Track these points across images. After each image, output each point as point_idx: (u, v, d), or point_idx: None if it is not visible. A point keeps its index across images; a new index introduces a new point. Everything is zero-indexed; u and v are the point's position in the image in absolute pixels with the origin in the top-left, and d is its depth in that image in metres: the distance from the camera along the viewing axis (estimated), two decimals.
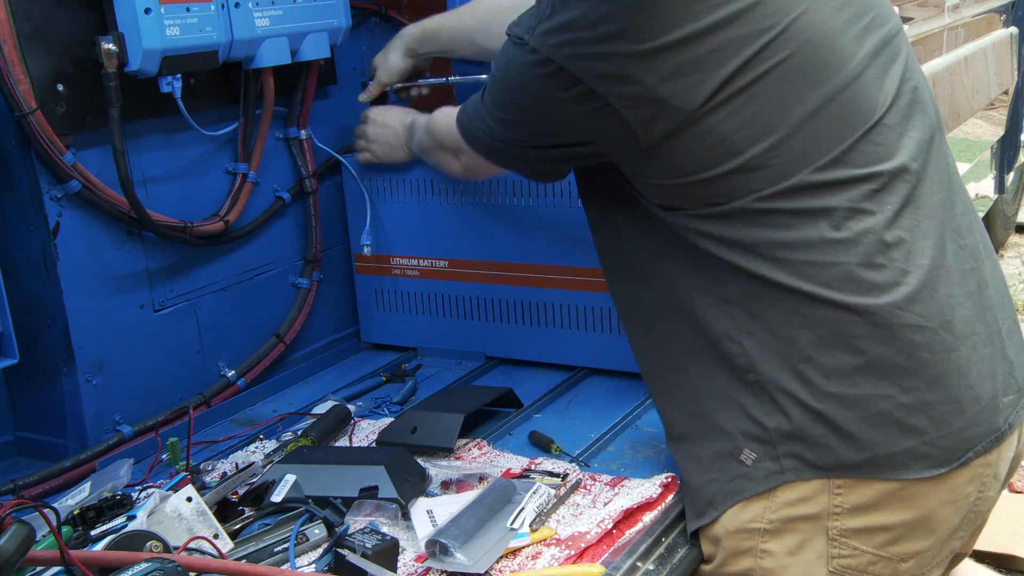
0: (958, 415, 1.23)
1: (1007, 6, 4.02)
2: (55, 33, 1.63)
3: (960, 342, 1.24)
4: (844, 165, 1.22)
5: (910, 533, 1.27)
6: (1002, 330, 1.30)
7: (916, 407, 1.22)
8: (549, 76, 1.23)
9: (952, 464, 1.23)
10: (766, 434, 1.27)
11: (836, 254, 1.21)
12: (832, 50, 1.23)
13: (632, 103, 1.20)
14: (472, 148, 1.46)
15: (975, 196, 4.08)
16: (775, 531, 1.28)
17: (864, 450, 1.23)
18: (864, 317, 1.21)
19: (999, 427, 1.26)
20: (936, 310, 1.23)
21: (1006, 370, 1.29)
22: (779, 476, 1.27)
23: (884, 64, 1.28)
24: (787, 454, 1.26)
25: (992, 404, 1.26)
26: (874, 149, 1.23)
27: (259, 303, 2.05)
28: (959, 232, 1.30)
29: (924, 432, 1.22)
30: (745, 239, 1.23)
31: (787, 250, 1.22)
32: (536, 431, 1.69)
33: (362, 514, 1.44)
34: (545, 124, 1.31)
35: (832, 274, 1.21)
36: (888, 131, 1.25)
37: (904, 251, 1.22)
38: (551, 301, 1.96)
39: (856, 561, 1.28)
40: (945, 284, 1.24)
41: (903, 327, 1.21)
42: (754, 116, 1.20)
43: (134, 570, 1.03)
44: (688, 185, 1.24)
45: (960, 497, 1.27)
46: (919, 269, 1.23)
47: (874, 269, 1.21)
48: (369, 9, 2.27)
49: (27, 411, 1.82)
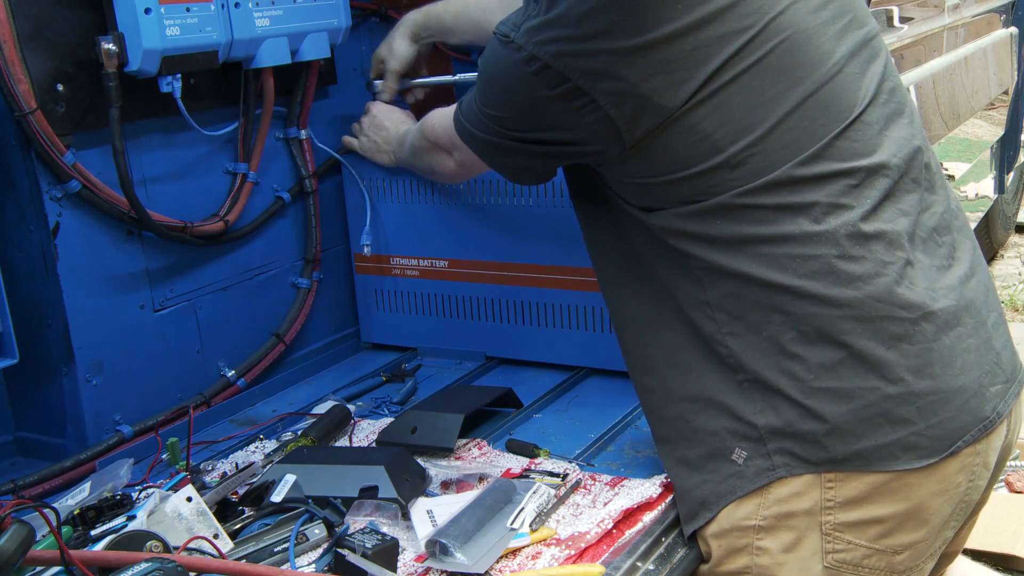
0: (944, 405, 1.24)
1: (1007, 6, 4.02)
2: (55, 33, 1.63)
3: (942, 333, 1.25)
4: (824, 160, 1.23)
5: (903, 525, 1.28)
6: (987, 322, 1.32)
7: (903, 398, 1.23)
8: (535, 74, 1.23)
9: (942, 454, 1.24)
10: (756, 432, 1.28)
11: (816, 247, 1.22)
12: (810, 48, 1.25)
13: (617, 99, 1.21)
14: (465, 143, 1.47)
15: (975, 196, 4.08)
16: (770, 528, 1.29)
17: (853, 443, 1.24)
18: (845, 310, 1.22)
19: (987, 416, 1.27)
20: (917, 301, 1.24)
21: (992, 360, 1.30)
22: (771, 473, 1.28)
23: (862, 63, 1.30)
24: (778, 451, 1.27)
25: (979, 393, 1.27)
26: (852, 145, 1.24)
27: (259, 303, 2.06)
28: (937, 230, 1.31)
29: (912, 422, 1.23)
30: (725, 235, 1.25)
31: (768, 245, 1.23)
32: (514, 439, 1.67)
33: (362, 514, 1.44)
34: (532, 121, 1.31)
35: (812, 267, 1.22)
36: (867, 128, 1.26)
37: (883, 243, 1.24)
38: (551, 301, 1.96)
39: (851, 555, 1.28)
40: (923, 278, 1.26)
41: (884, 319, 1.22)
42: (734, 113, 1.21)
43: (134, 570, 1.03)
44: (670, 183, 1.26)
45: (951, 487, 1.28)
46: (898, 261, 1.24)
47: (853, 261, 1.22)
48: (369, 9, 2.27)
49: (27, 411, 1.82)
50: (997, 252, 5.08)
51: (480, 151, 1.45)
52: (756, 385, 1.27)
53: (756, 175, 1.22)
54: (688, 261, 1.28)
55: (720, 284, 1.27)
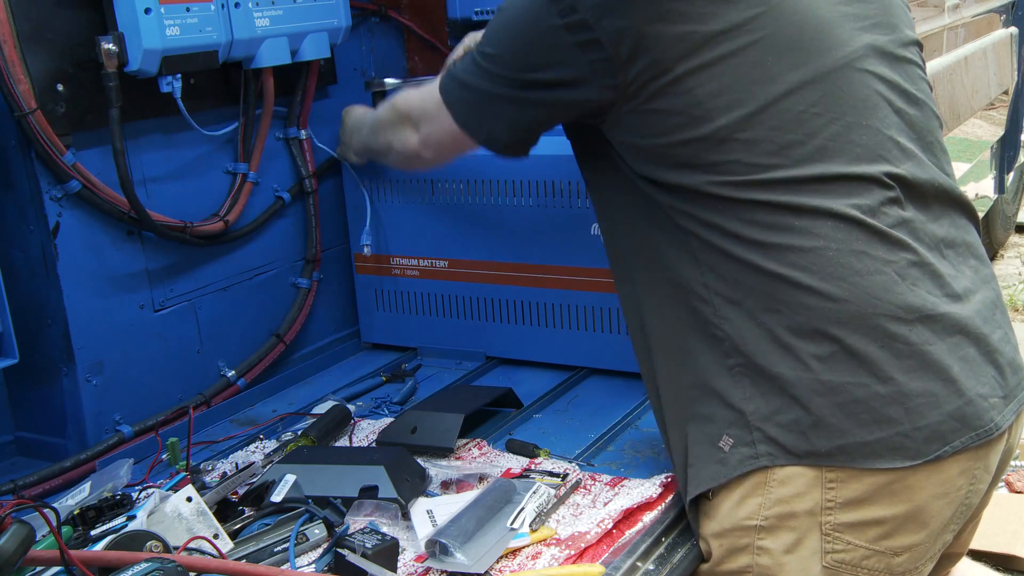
0: (934, 408, 1.23)
1: (1007, 6, 4.02)
2: (55, 33, 1.63)
3: (938, 338, 1.24)
4: (829, 155, 1.23)
5: (903, 526, 1.27)
6: (991, 338, 1.30)
7: (892, 397, 1.22)
8: (550, 1, 1.26)
9: (927, 457, 1.23)
10: (743, 419, 1.28)
11: (815, 240, 1.22)
12: (819, 34, 1.25)
13: (616, 36, 1.23)
14: (446, 104, 1.44)
15: (975, 196, 4.08)
16: (771, 528, 1.29)
17: (838, 437, 1.23)
18: (841, 304, 1.22)
19: (983, 425, 1.26)
20: (916, 304, 1.23)
21: (994, 374, 1.29)
22: (753, 461, 1.27)
23: (885, 64, 1.30)
24: (762, 439, 1.27)
25: (975, 401, 1.26)
26: (864, 143, 1.25)
27: (259, 303, 2.06)
28: (945, 241, 1.31)
29: (899, 423, 1.23)
30: (723, 218, 1.25)
31: (766, 232, 1.23)
32: (514, 439, 1.67)
33: (362, 514, 1.44)
34: (533, 57, 1.32)
35: (810, 259, 1.22)
36: (874, 133, 1.26)
37: (887, 243, 1.24)
38: (551, 301, 1.96)
39: (850, 556, 1.28)
40: (924, 283, 1.25)
41: (879, 316, 1.22)
42: (731, 85, 1.22)
43: (134, 570, 1.03)
44: (661, 149, 1.26)
45: (952, 490, 1.28)
46: (901, 261, 1.24)
47: (854, 256, 1.22)
48: (369, 9, 2.27)
49: (27, 411, 1.82)
50: (997, 252, 5.08)
51: (464, 107, 1.42)
52: (747, 371, 1.27)
53: (752, 153, 1.22)
54: (689, 241, 1.28)
55: (718, 267, 1.27)
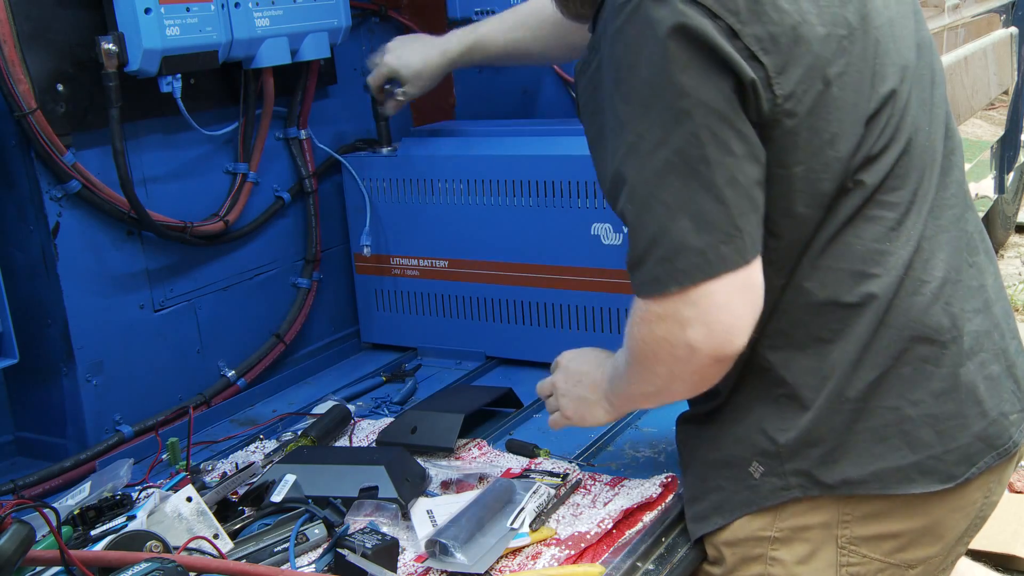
0: (963, 430, 1.22)
1: (1007, 6, 4.03)
2: (55, 33, 1.63)
3: (968, 357, 1.23)
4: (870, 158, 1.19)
5: (919, 540, 1.27)
6: (1009, 349, 1.30)
7: (923, 420, 1.21)
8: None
9: (957, 479, 1.22)
10: (775, 449, 1.25)
11: (854, 263, 1.19)
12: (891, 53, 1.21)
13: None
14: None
15: (975, 196, 4.08)
16: (785, 539, 1.28)
17: (870, 464, 1.22)
18: (887, 330, 1.20)
19: (1003, 444, 1.25)
20: (949, 323, 1.22)
21: (1012, 388, 1.29)
22: (785, 493, 1.25)
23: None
24: (793, 471, 1.25)
25: (998, 420, 1.25)
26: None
27: (259, 303, 2.06)
28: (969, 250, 1.30)
29: (930, 446, 1.21)
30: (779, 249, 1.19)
31: (815, 256, 1.20)
32: (514, 439, 1.67)
33: (362, 514, 1.44)
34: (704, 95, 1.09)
35: (848, 283, 1.19)
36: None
37: (921, 262, 1.22)
38: (551, 301, 1.96)
39: (865, 568, 1.27)
40: (959, 300, 1.24)
41: (914, 339, 1.21)
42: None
43: (134, 570, 1.03)
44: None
45: (967, 504, 1.27)
46: (935, 281, 1.22)
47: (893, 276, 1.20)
48: (369, 9, 2.27)
49: (27, 411, 1.82)
50: (997, 252, 5.09)
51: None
52: (792, 401, 1.24)
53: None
54: None
55: (769, 295, 1.18)
